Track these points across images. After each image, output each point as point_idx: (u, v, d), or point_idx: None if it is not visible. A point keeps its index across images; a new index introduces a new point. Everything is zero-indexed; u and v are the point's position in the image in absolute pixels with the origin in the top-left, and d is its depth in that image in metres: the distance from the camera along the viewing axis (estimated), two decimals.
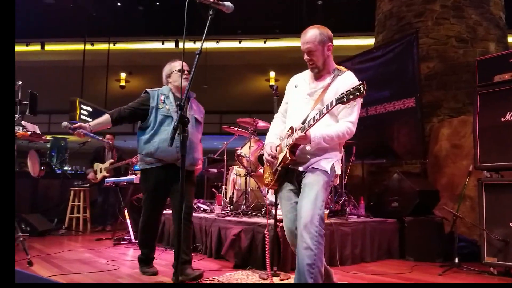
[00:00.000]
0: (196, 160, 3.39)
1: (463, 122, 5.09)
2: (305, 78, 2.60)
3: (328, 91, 2.39)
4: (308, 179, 2.35)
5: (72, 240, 5.83)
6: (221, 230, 4.21)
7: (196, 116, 3.37)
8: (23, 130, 3.92)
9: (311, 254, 2.18)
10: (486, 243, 3.61)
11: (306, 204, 2.25)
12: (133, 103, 3.29)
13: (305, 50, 2.44)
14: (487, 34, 5.94)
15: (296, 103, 2.56)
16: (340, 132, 2.33)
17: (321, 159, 2.38)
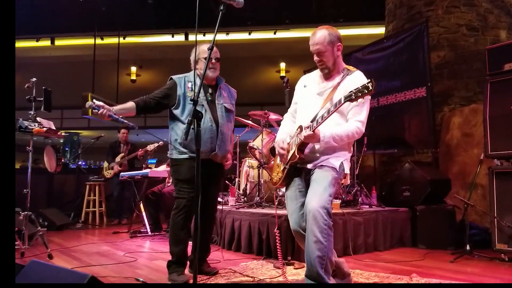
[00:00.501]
0: (227, 152, 3.21)
1: (474, 110, 5.07)
2: (314, 78, 2.62)
3: (337, 90, 2.41)
4: (316, 175, 2.40)
5: (89, 233, 5.98)
6: (235, 221, 4.29)
7: (226, 105, 3.16)
8: (38, 126, 4.00)
9: (321, 247, 2.25)
10: (497, 230, 3.64)
11: (313, 198, 2.30)
12: (158, 93, 3.05)
13: (314, 52, 2.45)
14: (498, 21, 5.87)
15: (305, 102, 2.59)
16: (350, 132, 2.36)
17: (329, 157, 2.42)
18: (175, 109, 3.02)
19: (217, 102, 3.10)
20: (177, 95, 3.01)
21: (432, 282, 2.85)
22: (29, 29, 11.57)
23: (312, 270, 2.27)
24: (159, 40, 13.35)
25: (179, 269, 2.98)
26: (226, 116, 3.12)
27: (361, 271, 3.23)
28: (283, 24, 12.36)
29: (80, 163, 11.16)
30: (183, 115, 2.99)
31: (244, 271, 3.21)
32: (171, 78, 3.13)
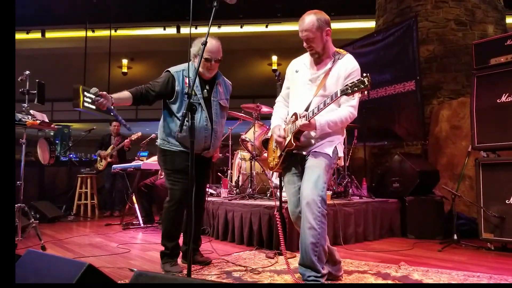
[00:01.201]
0: (217, 147, 3.25)
1: (463, 103, 5.17)
2: (305, 62, 2.62)
3: (329, 77, 2.45)
4: (310, 162, 2.43)
5: (81, 225, 5.99)
6: (228, 212, 4.35)
7: (221, 102, 3.13)
8: (32, 119, 4.00)
9: (315, 233, 2.30)
10: (483, 219, 3.74)
11: (308, 186, 2.35)
12: (155, 85, 2.96)
13: (303, 38, 2.46)
14: (486, 16, 5.98)
15: (298, 89, 2.60)
16: (343, 117, 2.41)
17: (323, 142, 2.46)
18: (172, 103, 2.98)
19: (212, 98, 3.06)
20: (176, 91, 2.96)
21: (419, 270, 2.93)
22: (19, 21, 11.42)
23: (306, 257, 2.33)
24: (151, 32, 13.27)
25: (172, 259, 3.01)
26: (220, 113, 3.12)
27: (351, 260, 3.31)
28: (275, 18, 12.35)
29: (71, 156, 11.11)
30: (179, 111, 2.94)
31: (236, 261, 3.27)
32: (167, 70, 3.06)
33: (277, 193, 3.68)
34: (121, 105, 2.87)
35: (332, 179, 4.76)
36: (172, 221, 3.02)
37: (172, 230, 3.03)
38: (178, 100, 2.96)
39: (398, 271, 2.89)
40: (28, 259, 2.05)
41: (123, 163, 6.38)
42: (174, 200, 2.98)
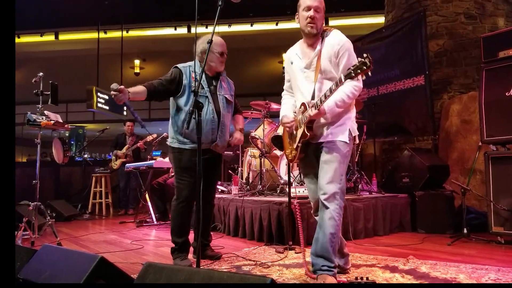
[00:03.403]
0: (227, 142, 3.28)
1: (473, 97, 5.14)
2: (296, 52, 2.62)
3: (322, 58, 2.44)
4: (326, 156, 2.43)
5: (97, 223, 6.12)
6: (238, 209, 4.41)
7: (227, 96, 3.21)
8: (46, 119, 4.11)
9: (335, 224, 2.37)
10: (493, 213, 3.73)
11: (326, 179, 2.39)
12: (163, 80, 3.02)
13: (314, 7, 2.42)
14: (496, 9, 5.92)
15: (297, 80, 2.60)
16: (349, 93, 2.37)
17: (336, 128, 2.45)
18: (180, 97, 3.04)
19: (218, 93, 3.15)
20: (183, 85, 3.03)
21: (428, 264, 2.95)
22: (33, 24, 11.67)
23: (322, 247, 2.38)
24: (162, 33, 13.40)
25: (182, 254, 3.08)
26: (226, 107, 3.19)
27: (360, 254, 3.34)
28: (285, 15, 12.36)
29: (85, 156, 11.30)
30: (186, 105, 3.01)
31: (246, 256, 3.32)
32: (175, 66, 3.14)
33: (286, 189, 3.72)
34: (136, 100, 2.91)
35: None
36: (180, 218, 3.08)
37: (179, 226, 3.09)
38: (185, 93, 3.03)
39: (406, 265, 2.91)
40: (44, 253, 2.14)
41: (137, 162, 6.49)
42: (181, 197, 3.05)
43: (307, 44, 2.56)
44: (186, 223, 3.12)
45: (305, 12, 2.45)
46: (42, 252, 2.17)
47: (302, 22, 2.49)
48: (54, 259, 2.06)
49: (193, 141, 3.00)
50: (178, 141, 3.08)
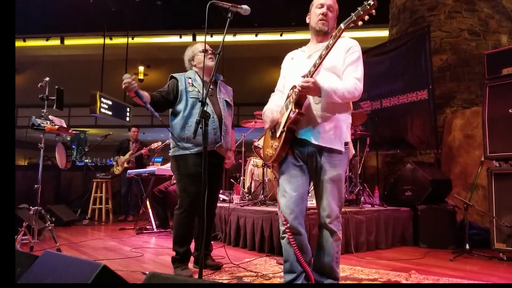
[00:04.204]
0: (230, 144, 3.24)
1: (476, 113, 5.15)
2: (303, 49, 2.50)
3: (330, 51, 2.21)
4: (331, 174, 2.23)
5: (96, 229, 6.09)
6: (240, 219, 4.40)
7: (227, 99, 3.23)
8: (50, 124, 4.12)
9: (339, 242, 2.30)
10: (496, 229, 3.72)
11: (332, 202, 2.23)
12: (163, 92, 3.05)
13: (328, 5, 2.32)
14: (499, 26, 5.97)
15: (295, 70, 2.40)
16: (350, 87, 2.18)
17: (331, 130, 2.24)
18: (178, 103, 3.06)
19: (218, 96, 3.17)
20: (179, 90, 3.06)
21: (430, 279, 2.93)
22: (39, 28, 11.76)
23: (327, 266, 2.27)
24: (167, 40, 13.49)
25: (182, 264, 3.07)
26: (227, 109, 3.19)
27: (362, 267, 3.32)
28: (289, 26, 12.45)
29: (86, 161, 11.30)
30: (185, 109, 3.03)
31: (247, 267, 3.31)
32: (171, 76, 3.18)
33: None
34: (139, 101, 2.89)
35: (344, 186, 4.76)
36: (182, 227, 3.05)
37: (182, 236, 3.07)
38: (183, 98, 3.06)
39: (408, 280, 2.90)
40: (46, 260, 2.13)
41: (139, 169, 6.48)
42: (184, 207, 3.02)
43: (316, 41, 2.41)
44: (188, 233, 3.10)
45: (317, 9, 2.34)
46: (43, 258, 2.15)
47: (313, 19, 2.36)
48: (56, 266, 2.04)
49: (195, 144, 2.98)
50: (179, 148, 3.06)
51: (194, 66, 3.25)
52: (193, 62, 3.24)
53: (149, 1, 11.29)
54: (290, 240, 2.24)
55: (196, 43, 3.34)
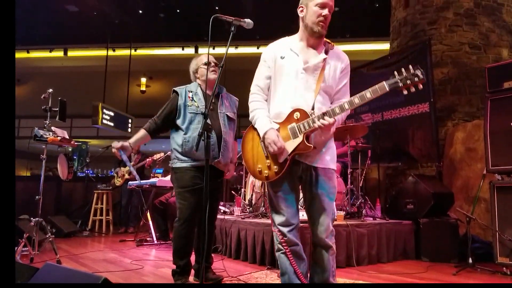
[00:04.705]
0: (230, 160, 3.20)
1: (477, 126, 5.16)
2: (292, 47, 2.25)
3: (327, 68, 2.18)
4: (326, 187, 2.21)
5: (96, 241, 6.06)
6: (241, 231, 4.37)
7: (228, 114, 3.19)
8: (53, 135, 4.13)
9: (334, 255, 2.28)
10: (499, 243, 3.69)
11: (327, 215, 2.20)
12: (164, 110, 3.10)
13: (330, 7, 2.16)
14: (500, 40, 6.02)
15: (288, 80, 2.20)
16: (345, 114, 2.16)
17: (326, 152, 2.23)
18: (177, 118, 3.07)
19: (219, 111, 3.14)
20: (178, 104, 3.07)
21: None
22: (43, 39, 11.87)
23: (326, 281, 2.25)
24: (170, 52, 13.58)
25: (183, 277, 3.05)
26: (228, 124, 3.17)
27: (364, 281, 3.29)
28: None
29: (87, 172, 11.30)
30: (183, 123, 3.03)
31: (248, 280, 3.28)
32: (173, 90, 3.18)
33: None
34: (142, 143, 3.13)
35: (345, 199, 4.76)
36: (182, 240, 3.03)
37: (182, 248, 3.05)
38: (181, 114, 3.06)
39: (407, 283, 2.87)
40: (46, 272, 2.11)
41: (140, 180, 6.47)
42: (183, 219, 3.00)
43: (307, 43, 2.24)
44: (188, 245, 3.08)
45: (319, 9, 2.14)
46: (43, 270, 2.14)
47: (311, 18, 2.16)
48: (56, 278, 2.03)
49: (193, 159, 2.99)
50: (179, 160, 3.05)
51: (198, 78, 3.26)
52: (197, 74, 3.25)
53: (152, 13, 11.40)
54: (287, 254, 2.23)
55: (201, 55, 3.35)
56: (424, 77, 1.91)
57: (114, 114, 10.50)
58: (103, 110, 10.00)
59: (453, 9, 6.10)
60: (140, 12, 11.85)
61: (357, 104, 2.04)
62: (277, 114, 2.22)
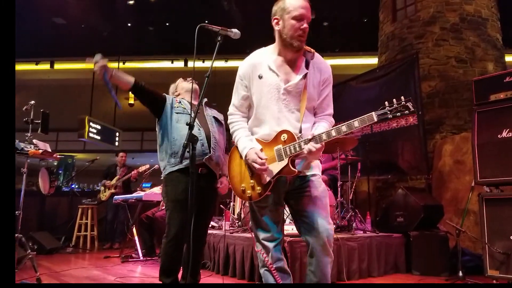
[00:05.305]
0: (222, 160, 3.06)
1: (465, 138, 5.18)
2: (269, 63, 2.12)
3: (309, 84, 2.08)
4: (318, 189, 2.12)
5: (80, 258, 5.90)
6: (229, 246, 4.27)
7: (216, 116, 3.15)
8: (34, 148, 4.02)
9: (331, 262, 2.15)
10: (489, 256, 3.65)
11: (325, 220, 2.08)
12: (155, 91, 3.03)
13: (308, 18, 2.05)
14: (485, 54, 6.12)
15: (271, 102, 2.10)
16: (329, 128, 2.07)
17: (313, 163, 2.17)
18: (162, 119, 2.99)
19: (205, 113, 3.09)
20: (166, 104, 3.00)
21: None
22: (28, 52, 11.74)
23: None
24: (159, 65, 13.55)
25: None
26: (216, 125, 3.10)
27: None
28: None
29: (72, 186, 11.08)
30: (170, 123, 2.96)
31: None
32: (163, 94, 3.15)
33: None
34: (120, 84, 2.88)
35: (335, 212, 4.70)
36: (170, 257, 2.89)
37: (170, 266, 2.91)
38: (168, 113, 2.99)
39: None
40: None
41: (127, 195, 6.34)
42: (171, 235, 2.87)
43: (285, 58, 2.12)
44: (176, 263, 2.92)
45: (296, 22, 2.02)
46: None
47: (289, 32, 2.04)
48: None
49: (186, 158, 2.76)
50: (170, 165, 2.91)
51: (179, 94, 3.21)
52: (177, 92, 3.23)
53: (141, 26, 11.38)
54: (272, 271, 2.15)
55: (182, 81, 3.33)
56: (415, 109, 1.86)
57: (101, 128, 10.36)
58: (89, 124, 9.86)
59: (439, 23, 6.20)
60: (129, 25, 11.83)
61: (344, 132, 1.95)
62: (263, 136, 2.15)
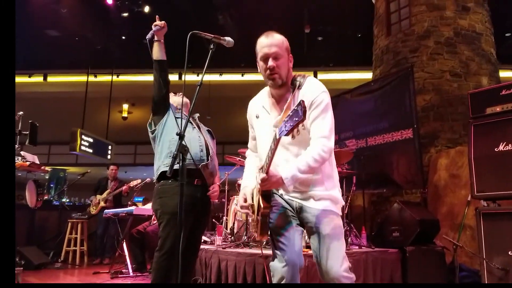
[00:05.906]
0: (216, 171, 3.06)
1: (460, 152, 5.15)
2: (264, 104, 2.19)
3: None
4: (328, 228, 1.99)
5: (68, 273, 5.77)
6: (222, 261, 4.16)
7: (209, 130, 3.25)
8: (22, 160, 3.92)
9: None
10: (487, 272, 3.58)
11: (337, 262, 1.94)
12: None
13: (272, 55, 2.01)
14: (480, 69, 6.15)
15: (263, 139, 2.13)
16: (317, 155, 1.91)
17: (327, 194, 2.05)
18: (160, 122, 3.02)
19: (200, 126, 3.17)
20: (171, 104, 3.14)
21: None
22: (21, 64, 11.68)
23: None
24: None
25: None
26: (210, 138, 3.18)
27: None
28: None
29: (63, 200, 10.91)
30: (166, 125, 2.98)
31: None
32: None
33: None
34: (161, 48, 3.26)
35: None
36: (161, 272, 2.77)
37: (162, 281, 2.79)
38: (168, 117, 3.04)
39: None
40: None
41: (117, 208, 6.22)
42: (165, 248, 2.76)
43: (273, 96, 2.16)
44: (169, 278, 2.77)
45: (263, 63, 2.05)
46: None
47: (262, 74, 2.10)
48: None
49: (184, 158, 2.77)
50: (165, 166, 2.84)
51: None
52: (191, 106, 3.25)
53: (135, 39, 11.38)
54: None
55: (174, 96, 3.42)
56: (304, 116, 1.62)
57: (93, 141, 10.27)
58: (81, 136, 9.76)
59: (433, 37, 6.23)
60: (123, 38, 11.82)
61: (270, 157, 1.84)
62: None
